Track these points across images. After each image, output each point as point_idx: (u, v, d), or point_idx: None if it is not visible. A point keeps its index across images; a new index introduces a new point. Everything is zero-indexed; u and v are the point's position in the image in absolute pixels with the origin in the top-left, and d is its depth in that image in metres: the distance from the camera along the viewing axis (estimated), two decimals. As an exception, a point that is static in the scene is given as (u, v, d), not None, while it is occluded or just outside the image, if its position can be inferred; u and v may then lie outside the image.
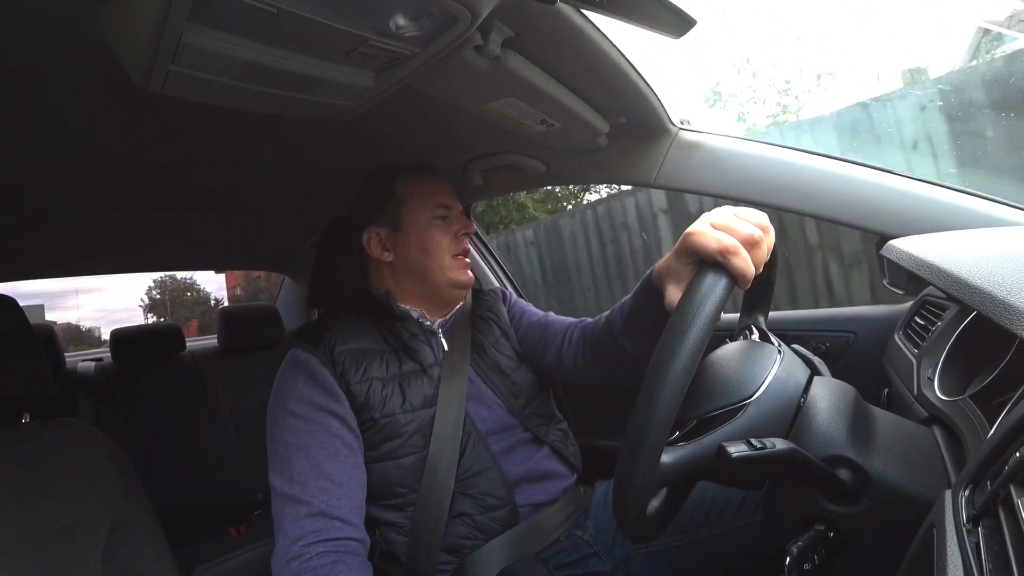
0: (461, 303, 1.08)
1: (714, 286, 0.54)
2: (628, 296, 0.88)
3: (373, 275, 1.04)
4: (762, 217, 0.61)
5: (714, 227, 0.58)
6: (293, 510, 0.79)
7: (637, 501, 0.51)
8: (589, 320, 1.04)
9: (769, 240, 0.60)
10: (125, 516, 0.82)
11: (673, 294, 0.64)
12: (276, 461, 0.84)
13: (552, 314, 1.15)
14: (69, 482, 0.82)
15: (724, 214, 0.60)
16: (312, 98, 0.76)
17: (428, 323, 1.01)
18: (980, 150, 2.56)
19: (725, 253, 0.55)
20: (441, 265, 0.99)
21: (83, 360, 1.95)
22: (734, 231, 0.57)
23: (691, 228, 0.60)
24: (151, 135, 0.97)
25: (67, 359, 1.88)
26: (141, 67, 0.63)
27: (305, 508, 0.79)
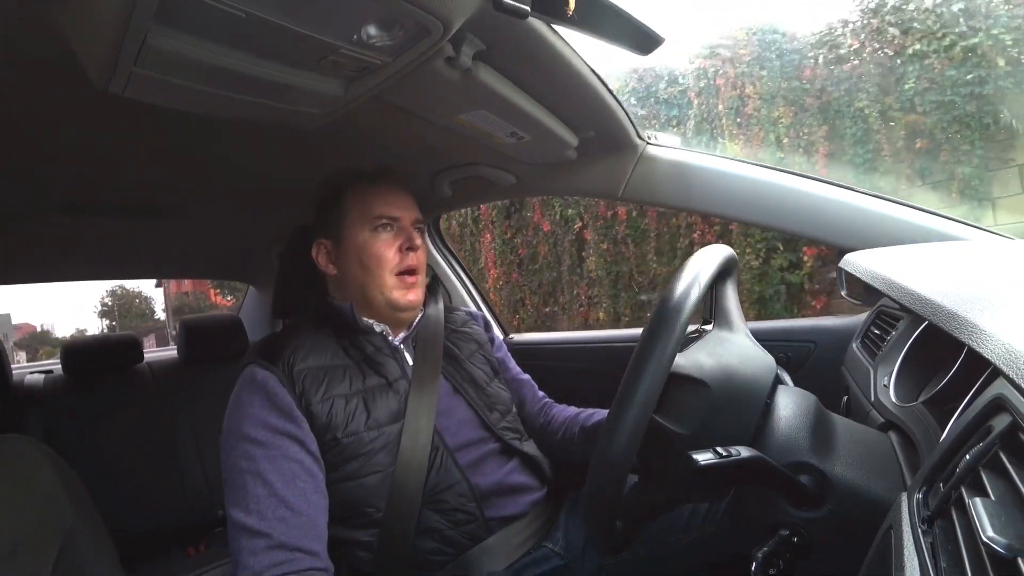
0: (419, 316, 1.04)
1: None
2: (591, 415, 1.05)
3: (331, 288, 1.01)
4: None
5: None
6: (251, 543, 0.75)
7: (607, 514, 0.52)
8: (550, 404, 1.18)
9: None
10: (75, 537, 0.79)
11: None
12: (232, 490, 0.80)
13: (524, 375, 1.21)
14: (15, 502, 0.77)
15: None
16: (280, 105, 0.75)
17: (392, 339, 0.98)
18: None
19: None
20: (380, 283, 0.94)
21: (31, 372, 1.85)
22: None
23: None
24: (107, 138, 0.94)
25: (15, 371, 1.79)
26: (102, 68, 0.61)
27: (264, 540, 0.75)
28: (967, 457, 0.34)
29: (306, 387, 0.86)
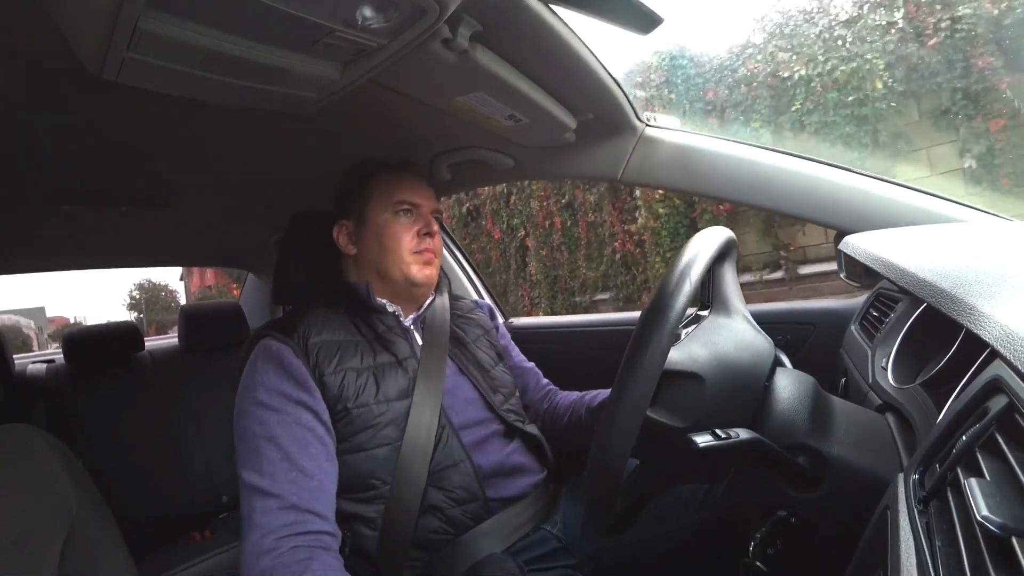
0: (431, 299, 1.07)
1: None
2: (595, 396, 1.06)
3: (345, 269, 1.05)
4: None
5: None
6: (264, 503, 0.76)
7: (607, 496, 0.52)
8: (554, 390, 1.19)
9: None
10: (81, 525, 0.79)
11: None
12: (245, 453, 0.82)
13: (528, 363, 1.23)
14: (20, 491, 0.78)
15: None
16: (275, 89, 0.74)
17: (403, 319, 1.02)
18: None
19: None
20: (398, 260, 0.98)
21: (33, 362, 1.86)
22: None
23: None
24: (103, 126, 0.93)
25: (17, 361, 1.79)
26: (94, 54, 0.60)
27: (276, 501, 0.76)
28: (963, 438, 0.35)
29: (320, 359, 0.89)
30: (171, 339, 2.18)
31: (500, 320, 1.26)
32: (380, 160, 1.06)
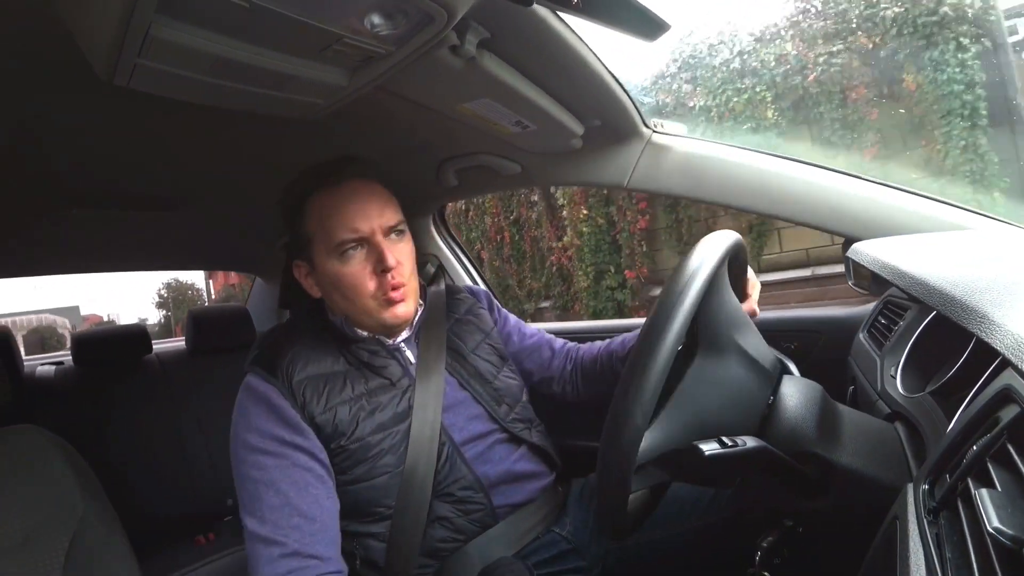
0: (421, 313, 1.02)
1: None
2: (623, 343, 1.02)
3: (328, 302, 0.96)
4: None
5: None
6: (267, 551, 0.76)
7: (616, 499, 0.52)
8: (575, 347, 1.13)
9: None
10: (87, 526, 0.80)
11: None
12: (246, 499, 0.81)
13: (538, 334, 1.16)
14: (27, 491, 0.78)
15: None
16: (283, 95, 0.75)
17: (389, 343, 0.95)
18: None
19: None
20: (363, 308, 0.89)
21: (42, 364, 1.87)
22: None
23: None
24: (114, 131, 0.94)
25: (26, 363, 1.81)
26: (106, 60, 0.61)
27: (279, 548, 0.76)
28: (974, 448, 0.34)
29: (307, 398, 0.85)
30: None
31: (497, 304, 1.19)
32: (314, 169, 0.91)
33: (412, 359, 0.96)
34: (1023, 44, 4.11)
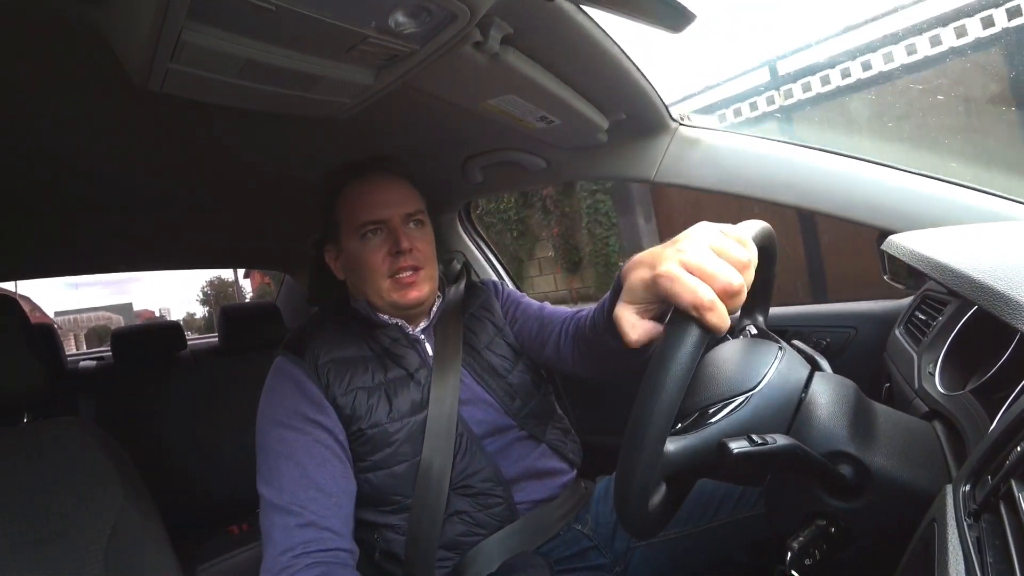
0: (439, 304, 1.04)
1: (688, 338, 0.49)
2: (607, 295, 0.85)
3: (349, 286, 1.02)
4: (745, 251, 0.53)
5: (688, 270, 0.51)
6: (282, 520, 0.78)
7: (639, 496, 0.51)
8: (584, 310, 1.01)
9: (749, 277, 0.53)
10: (127, 516, 0.83)
11: (633, 325, 0.62)
12: (265, 470, 0.84)
13: (548, 305, 1.10)
14: (70, 482, 0.82)
15: (700, 250, 0.52)
16: (311, 96, 0.76)
17: (410, 331, 0.99)
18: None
19: (699, 308, 0.48)
20: (377, 288, 0.94)
21: (84, 359, 1.95)
22: (711, 279, 0.50)
23: (662, 268, 0.52)
24: (147, 134, 0.96)
25: (70, 357, 1.89)
26: (140, 66, 0.63)
27: (295, 519, 0.78)
28: (1018, 449, 0.33)
29: (331, 379, 0.89)
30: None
31: (507, 290, 1.16)
32: (346, 165, 0.98)
33: (430, 351, 0.98)
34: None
